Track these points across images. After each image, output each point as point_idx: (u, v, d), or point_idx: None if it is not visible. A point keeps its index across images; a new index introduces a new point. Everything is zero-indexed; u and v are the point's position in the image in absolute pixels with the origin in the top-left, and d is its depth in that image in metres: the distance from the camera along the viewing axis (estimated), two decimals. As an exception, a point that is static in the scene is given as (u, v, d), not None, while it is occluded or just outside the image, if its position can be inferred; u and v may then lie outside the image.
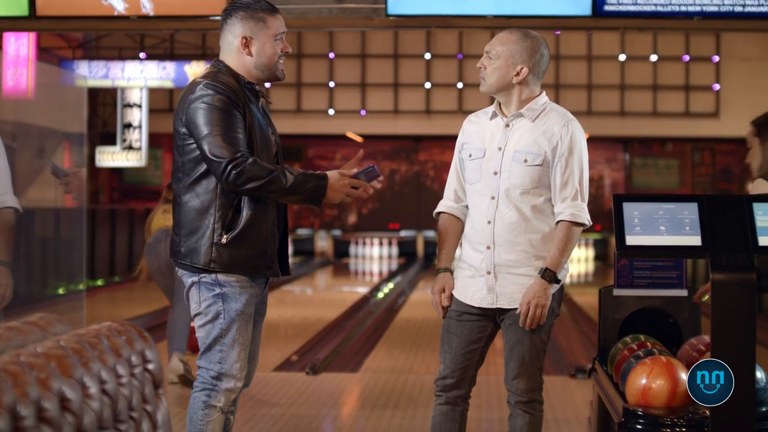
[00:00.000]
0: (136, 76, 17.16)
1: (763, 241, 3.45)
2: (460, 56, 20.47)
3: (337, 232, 22.97)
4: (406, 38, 20.61)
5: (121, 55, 19.31)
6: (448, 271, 4.10)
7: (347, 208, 22.95)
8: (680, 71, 20.25)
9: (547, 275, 3.93)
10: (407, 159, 22.86)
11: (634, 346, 4.23)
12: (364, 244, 22.68)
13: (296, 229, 22.51)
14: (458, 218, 4.13)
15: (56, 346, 2.36)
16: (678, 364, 3.81)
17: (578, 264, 21.12)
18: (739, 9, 7.57)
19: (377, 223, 22.79)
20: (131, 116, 18.85)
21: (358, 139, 21.77)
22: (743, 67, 19.86)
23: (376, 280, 18.53)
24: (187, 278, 3.85)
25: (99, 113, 20.13)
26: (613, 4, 7.64)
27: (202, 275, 3.81)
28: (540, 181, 3.98)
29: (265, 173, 3.70)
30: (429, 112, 20.66)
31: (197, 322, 3.87)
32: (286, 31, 3.97)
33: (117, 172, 21.48)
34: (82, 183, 10.53)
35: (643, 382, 3.77)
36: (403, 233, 22.67)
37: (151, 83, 17.26)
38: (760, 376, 3.64)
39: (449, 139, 18.97)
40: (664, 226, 3.50)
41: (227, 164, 3.68)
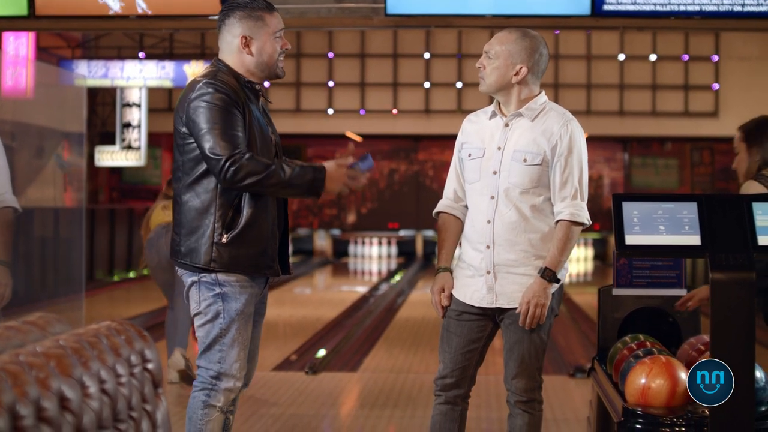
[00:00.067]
0: (135, 76, 17.16)
1: (763, 241, 3.45)
2: (459, 56, 20.48)
3: (336, 232, 22.97)
4: (406, 38, 20.61)
5: (120, 54, 19.30)
6: (448, 270, 4.10)
7: (346, 208, 22.95)
8: (679, 71, 20.25)
9: (547, 275, 3.92)
10: (406, 158, 22.86)
11: (634, 346, 4.22)
12: (363, 243, 22.68)
13: (295, 229, 22.50)
14: (458, 218, 4.12)
15: (55, 345, 2.36)
16: (677, 364, 3.81)
17: (577, 263, 21.12)
18: (738, 8, 7.57)
19: (376, 223, 22.79)
20: (130, 116, 18.85)
21: (358, 139, 21.76)
22: (742, 67, 19.86)
23: (375, 279, 18.53)
24: (187, 278, 3.85)
25: (98, 113, 20.12)
26: (612, 4, 7.64)
27: (202, 275, 3.81)
28: (539, 181, 3.97)
29: (262, 168, 3.70)
30: (428, 112, 20.66)
31: (197, 321, 3.86)
32: (285, 28, 3.96)
33: (116, 171, 21.47)
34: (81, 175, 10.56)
35: (643, 381, 3.77)
36: (403, 233, 22.67)
37: (150, 83, 17.26)
38: (759, 375, 3.64)
39: (448, 138, 18.96)
40: (664, 226, 3.50)
41: (225, 162, 3.68)
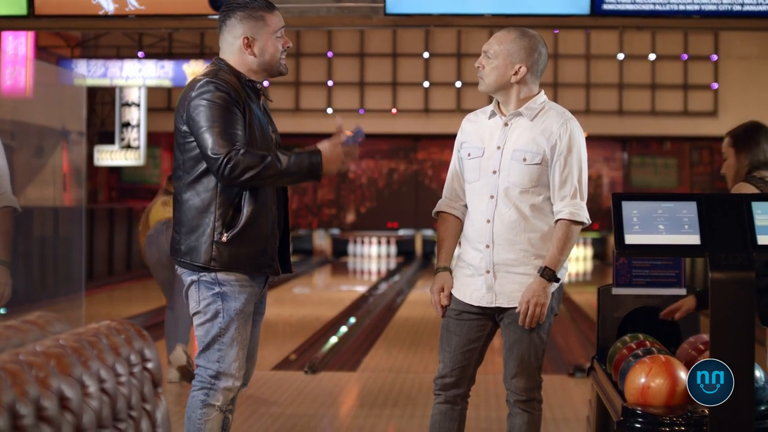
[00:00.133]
0: (134, 75, 17.16)
1: (762, 240, 3.45)
2: (459, 55, 20.48)
3: (336, 231, 22.97)
4: (405, 37, 20.61)
5: (120, 54, 19.30)
6: (447, 270, 4.10)
7: (346, 207, 22.95)
8: (679, 70, 20.26)
9: (547, 274, 3.92)
10: (406, 158, 22.86)
11: (633, 345, 4.22)
12: (363, 243, 22.68)
13: (295, 228, 22.50)
14: (457, 217, 4.12)
15: (55, 344, 2.36)
16: (677, 363, 3.81)
17: (576, 263, 21.12)
18: (738, 8, 7.57)
19: (376, 222, 22.79)
20: (129, 115, 18.85)
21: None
22: (741, 66, 19.87)
23: (375, 279, 18.53)
24: (187, 277, 3.85)
25: (97, 112, 20.12)
26: (611, 3, 7.64)
27: (202, 274, 3.80)
28: (539, 180, 3.97)
29: (258, 161, 3.70)
30: (427, 111, 20.66)
31: (196, 320, 3.86)
32: (285, 27, 3.96)
33: (115, 171, 21.47)
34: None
35: (642, 380, 3.77)
36: (402, 232, 22.67)
37: (150, 82, 17.26)
38: (758, 375, 3.64)
39: (448, 138, 18.95)
40: (663, 225, 3.50)
41: (222, 160, 3.68)
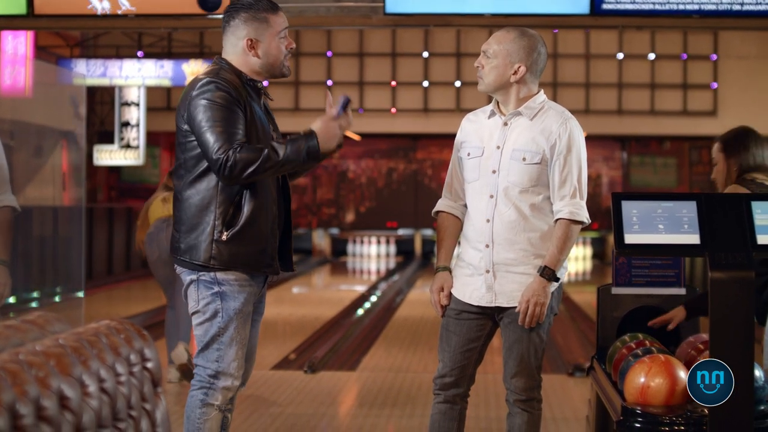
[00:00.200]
0: (133, 75, 17.15)
1: (762, 240, 3.45)
2: (458, 55, 20.48)
3: (335, 231, 22.97)
4: (404, 36, 20.60)
5: (119, 53, 19.29)
6: (447, 269, 4.10)
7: (345, 207, 22.95)
8: (678, 70, 20.26)
9: (546, 273, 3.92)
10: (405, 157, 22.85)
11: (633, 345, 4.22)
12: (362, 242, 22.68)
13: (294, 228, 22.43)
14: (457, 217, 4.12)
15: (55, 344, 2.36)
16: (676, 363, 3.81)
17: (576, 262, 21.12)
18: (737, 8, 7.57)
19: (375, 222, 22.79)
20: (129, 115, 18.84)
21: (356, 138, 21.76)
22: (741, 66, 19.87)
23: (374, 278, 18.53)
24: (186, 276, 3.85)
25: (97, 112, 20.11)
26: (611, 3, 7.64)
27: (201, 273, 3.80)
28: (538, 180, 3.97)
29: (256, 155, 3.70)
30: (427, 111, 20.66)
31: (195, 320, 3.86)
32: (289, 27, 3.96)
33: (115, 170, 21.47)
34: None
35: (642, 380, 3.77)
36: (401, 232, 22.67)
37: (149, 82, 17.25)
38: (758, 374, 3.64)
39: (447, 137, 18.96)
40: (663, 225, 3.50)
41: (222, 160, 3.68)
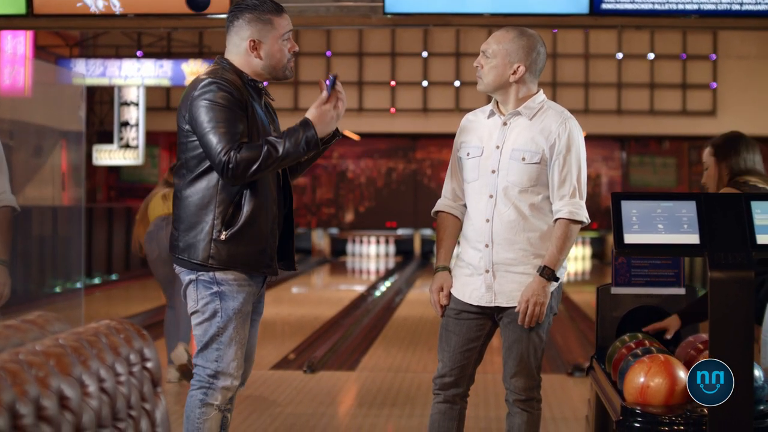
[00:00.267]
0: (133, 75, 17.15)
1: (762, 239, 3.45)
2: (457, 54, 20.48)
3: (334, 231, 22.97)
4: (404, 36, 20.60)
5: (118, 53, 19.29)
6: (447, 269, 4.10)
7: (344, 207, 22.95)
8: (677, 69, 20.26)
9: (546, 273, 3.92)
10: (404, 157, 22.86)
11: (632, 345, 4.22)
12: (361, 242, 22.68)
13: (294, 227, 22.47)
14: (456, 217, 4.12)
15: (55, 344, 2.36)
16: (676, 363, 3.81)
17: (575, 262, 21.13)
18: (737, 7, 7.58)
19: (374, 222, 22.79)
20: (128, 114, 18.84)
21: (356, 137, 21.76)
22: (740, 66, 19.87)
23: (374, 278, 18.53)
24: (185, 276, 3.85)
25: (96, 111, 20.11)
26: (610, 3, 7.64)
27: (200, 273, 3.80)
28: (538, 179, 3.97)
29: (256, 153, 3.70)
30: (426, 111, 20.66)
31: (194, 320, 3.86)
32: (293, 29, 3.96)
33: (114, 170, 21.46)
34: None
35: (641, 380, 3.77)
36: (401, 231, 22.67)
37: (148, 81, 17.25)
38: (757, 374, 3.64)
39: (446, 137, 18.98)
40: (663, 225, 3.50)
41: (224, 161, 3.68)
